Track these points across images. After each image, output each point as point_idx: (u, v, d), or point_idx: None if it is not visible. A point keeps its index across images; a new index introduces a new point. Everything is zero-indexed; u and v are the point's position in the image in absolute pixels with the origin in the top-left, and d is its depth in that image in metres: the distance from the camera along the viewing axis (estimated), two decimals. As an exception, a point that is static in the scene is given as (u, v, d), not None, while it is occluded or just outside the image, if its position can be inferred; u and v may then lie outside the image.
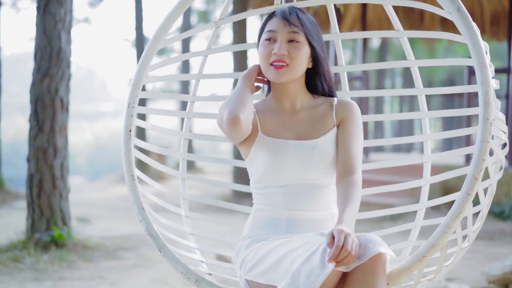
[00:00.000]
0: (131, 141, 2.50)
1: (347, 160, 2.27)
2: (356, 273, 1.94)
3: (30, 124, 5.65)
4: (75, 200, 9.26)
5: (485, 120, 2.00)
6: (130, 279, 4.63)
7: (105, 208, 9.33)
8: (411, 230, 2.83)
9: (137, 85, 2.53)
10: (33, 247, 5.39)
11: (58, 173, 5.62)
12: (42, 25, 5.59)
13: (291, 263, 1.98)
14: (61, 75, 5.62)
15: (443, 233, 2.01)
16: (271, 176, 2.31)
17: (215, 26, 2.90)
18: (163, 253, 2.35)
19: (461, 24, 2.13)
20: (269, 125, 2.36)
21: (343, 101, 2.40)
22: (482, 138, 1.99)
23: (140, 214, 2.40)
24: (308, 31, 2.31)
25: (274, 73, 2.30)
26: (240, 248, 2.36)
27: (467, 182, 2.00)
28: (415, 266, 2.04)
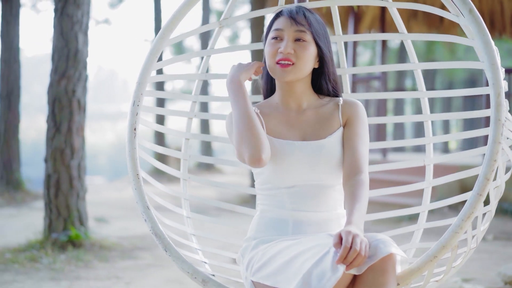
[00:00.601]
0: (136, 139, 2.50)
1: (354, 160, 2.25)
2: (366, 273, 1.93)
3: (47, 125, 5.72)
4: (94, 200, 9.34)
5: (497, 121, 2.01)
6: (146, 279, 4.66)
7: (123, 208, 9.38)
8: (414, 232, 2.82)
9: (142, 83, 2.54)
10: (50, 247, 5.44)
11: (75, 174, 5.67)
12: (59, 26, 5.65)
13: (301, 265, 1.96)
14: (78, 76, 5.67)
15: (455, 233, 2.01)
16: (278, 178, 2.29)
17: (218, 26, 2.91)
18: (169, 252, 2.34)
19: (473, 25, 2.13)
20: (275, 126, 2.35)
21: (349, 101, 2.39)
22: (494, 139, 2.00)
23: (145, 213, 2.39)
24: (315, 30, 2.30)
25: (280, 71, 2.28)
26: (245, 249, 2.34)
27: (479, 182, 2.01)
28: (426, 266, 2.04)
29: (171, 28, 2.59)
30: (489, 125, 2.06)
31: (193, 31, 2.87)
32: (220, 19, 2.93)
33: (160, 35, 2.59)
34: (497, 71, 2.06)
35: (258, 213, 2.39)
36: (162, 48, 2.60)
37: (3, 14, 10.20)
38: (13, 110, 10.16)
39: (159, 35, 2.59)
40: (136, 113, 2.51)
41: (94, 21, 20.53)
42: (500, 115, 2.01)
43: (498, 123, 2.01)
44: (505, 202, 7.70)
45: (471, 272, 4.79)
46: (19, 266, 4.96)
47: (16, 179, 9.99)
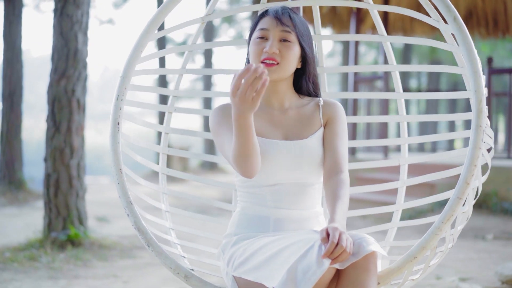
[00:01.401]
0: (119, 134, 2.51)
1: (335, 160, 2.32)
2: (349, 270, 1.98)
3: (47, 125, 5.74)
4: (97, 200, 9.38)
5: (478, 127, 2.07)
6: (144, 277, 4.67)
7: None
8: (388, 231, 2.86)
9: (126, 78, 2.55)
10: (49, 246, 5.46)
11: (74, 173, 5.69)
12: (59, 26, 5.67)
13: (285, 260, 1.99)
14: (77, 76, 5.69)
15: (434, 235, 2.06)
16: (261, 176, 2.32)
17: (201, 22, 2.94)
18: (151, 248, 2.36)
19: (457, 33, 2.18)
20: (259, 125, 2.37)
21: (329, 102, 2.46)
22: (475, 145, 2.06)
23: (127, 208, 2.41)
24: (299, 31, 2.35)
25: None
26: (226, 245, 2.37)
27: (459, 186, 2.06)
28: (406, 266, 2.10)
29: (156, 24, 2.60)
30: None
31: (176, 26, 2.90)
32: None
33: (145, 30, 2.59)
34: (479, 78, 2.11)
35: (238, 210, 2.43)
36: (146, 44, 2.60)
37: (5, 14, 10.23)
38: (15, 110, 10.19)
39: (144, 31, 2.60)
40: (120, 107, 2.51)
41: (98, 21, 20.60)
42: (481, 122, 2.08)
43: (479, 129, 2.07)
44: (506, 202, 7.70)
45: (469, 272, 4.79)
46: (18, 265, 4.98)
47: (18, 178, 10.02)
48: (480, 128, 2.07)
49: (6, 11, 10.23)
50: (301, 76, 2.45)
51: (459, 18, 2.18)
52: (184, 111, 3.11)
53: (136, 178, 2.73)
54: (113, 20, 20.28)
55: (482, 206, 7.89)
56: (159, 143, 11.91)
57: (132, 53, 2.59)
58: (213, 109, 2.43)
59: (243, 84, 1.96)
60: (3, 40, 10.25)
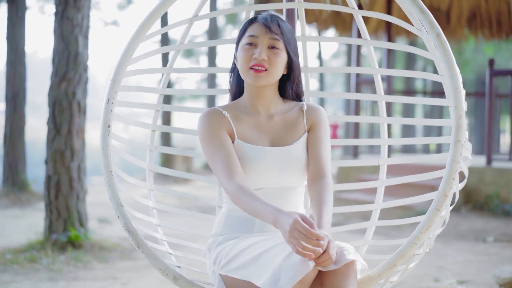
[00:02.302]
0: (110, 136, 2.54)
1: (319, 164, 2.41)
2: (331, 277, 2.06)
3: (48, 127, 5.78)
4: (100, 201, 9.39)
5: (457, 142, 2.14)
6: (142, 279, 4.70)
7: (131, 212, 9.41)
8: (367, 229, 2.92)
9: (116, 81, 2.56)
10: (50, 247, 5.50)
11: (75, 175, 5.73)
12: (59, 29, 5.71)
13: (271, 259, 2.07)
14: (78, 79, 5.73)
15: (413, 244, 2.15)
16: (248, 181, 2.38)
17: (189, 22, 2.99)
18: (141, 249, 2.39)
19: (440, 49, 2.22)
20: (245, 130, 2.44)
21: (312, 107, 2.53)
22: (453, 159, 2.13)
23: (118, 210, 2.44)
24: (286, 39, 2.42)
25: (253, 76, 2.38)
26: (212, 244, 2.43)
27: (437, 198, 2.13)
28: (385, 273, 2.19)
29: (145, 28, 2.62)
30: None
31: (166, 27, 2.95)
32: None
33: (135, 35, 2.61)
34: (459, 94, 2.16)
35: (225, 211, 2.49)
36: (136, 48, 2.63)
37: (8, 16, 10.27)
38: (18, 112, 10.25)
39: (134, 35, 2.62)
40: (110, 110, 2.53)
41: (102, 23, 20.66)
42: (460, 136, 2.13)
43: (458, 144, 2.13)
44: (507, 204, 7.71)
45: (467, 274, 4.81)
46: (18, 266, 5.02)
47: (21, 180, 10.06)
48: (459, 142, 2.12)
49: (9, 13, 10.28)
50: (286, 82, 2.52)
51: (441, 35, 2.22)
52: (172, 109, 3.20)
53: (123, 175, 2.78)
54: (117, 22, 20.36)
55: (484, 208, 7.91)
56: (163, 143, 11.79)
57: (121, 57, 2.60)
58: (201, 115, 2.47)
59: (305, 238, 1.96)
60: (6, 42, 10.31)
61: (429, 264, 5.15)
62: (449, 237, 6.60)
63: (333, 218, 7.57)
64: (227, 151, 2.36)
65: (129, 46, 2.60)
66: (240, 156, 2.39)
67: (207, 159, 2.43)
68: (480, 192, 8.02)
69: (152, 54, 2.95)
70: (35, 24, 54.09)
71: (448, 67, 2.19)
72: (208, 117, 2.43)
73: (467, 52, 20.72)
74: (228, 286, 2.29)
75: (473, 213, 7.82)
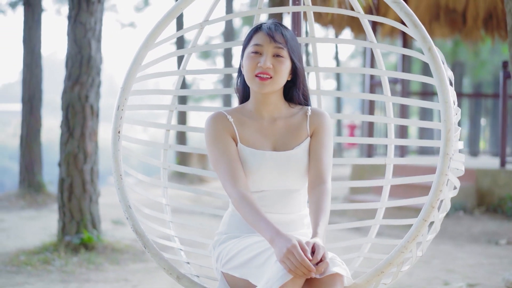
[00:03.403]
0: (120, 142, 2.63)
1: (319, 170, 2.47)
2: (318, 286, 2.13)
3: (61, 130, 5.85)
4: (115, 203, 9.45)
5: (445, 155, 2.18)
6: (153, 281, 4.74)
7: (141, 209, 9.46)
8: (371, 227, 3.00)
9: (126, 89, 2.66)
10: (63, 249, 5.57)
11: (88, 178, 5.79)
12: (73, 34, 5.78)
13: (265, 261, 2.18)
14: (91, 82, 5.79)
15: (400, 252, 2.20)
16: (249, 183, 2.48)
17: (200, 27, 3.08)
18: (148, 249, 2.50)
19: (431, 63, 2.25)
20: (248, 135, 2.54)
21: (316, 112, 2.60)
22: (441, 171, 2.17)
23: (127, 212, 2.54)
24: (290, 47, 2.51)
25: (259, 84, 2.47)
26: (216, 242, 2.55)
27: (425, 209, 2.18)
28: (373, 280, 2.24)
29: (154, 37, 2.71)
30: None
31: (176, 33, 3.01)
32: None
33: (144, 44, 2.70)
34: (449, 109, 2.20)
35: (230, 211, 2.59)
36: (145, 56, 2.71)
37: (25, 19, 10.36)
38: (34, 114, 10.34)
39: (143, 44, 2.71)
40: (120, 117, 2.63)
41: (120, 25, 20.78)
42: (449, 150, 2.18)
43: (446, 157, 2.18)
44: (521, 207, 7.68)
45: (477, 278, 4.80)
46: (31, 268, 5.08)
47: (37, 181, 10.15)
48: (447, 156, 2.16)
49: (26, 16, 10.37)
50: (292, 88, 2.61)
51: (433, 48, 2.26)
52: (186, 109, 3.29)
53: (138, 175, 2.93)
54: (134, 24, 20.46)
55: (497, 210, 7.87)
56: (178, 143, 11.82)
57: (131, 66, 2.70)
58: (207, 119, 2.58)
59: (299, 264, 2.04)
60: (23, 45, 10.39)
61: (439, 267, 5.15)
62: (462, 240, 6.59)
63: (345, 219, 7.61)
64: (231, 156, 2.46)
65: (137, 54, 2.69)
66: (241, 159, 2.49)
67: (211, 163, 2.52)
68: (493, 194, 7.99)
69: (163, 58, 3.04)
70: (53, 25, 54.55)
71: (439, 82, 2.23)
72: (213, 122, 2.54)
73: (484, 53, 20.59)
74: (229, 283, 2.43)
75: (486, 216, 7.79)
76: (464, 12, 10.65)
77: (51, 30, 37.51)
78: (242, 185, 2.39)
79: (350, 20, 10.87)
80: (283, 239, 2.10)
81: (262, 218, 2.24)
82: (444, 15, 10.66)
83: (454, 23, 10.96)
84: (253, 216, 2.26)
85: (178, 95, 3.17)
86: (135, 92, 2.87)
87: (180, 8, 2.73)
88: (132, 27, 20.46)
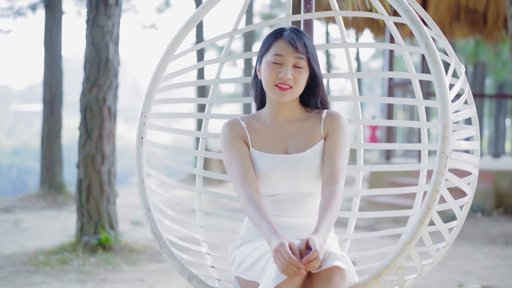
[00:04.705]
0: (143, 147, 2.70)
1: (331, 171, 2.44)
2: (316, 280, 2.13)
3: (79, 132, 5.92)
4: (135, 203, 9.54)
5: (442, 154, 2.10)
6: (169, 282, 4.78)
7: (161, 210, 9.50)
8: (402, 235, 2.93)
9: (149, 97, 2.72)
10: (81, 249, 5.64)
11: (105, 179, 5.86)
12: (91, 36, 5.85)
13: (267, 261, 2.22)
14: (108, 85, 5.86)
15: (397, 255, 2.16)
16: (262, 187, 2.51)
17: (229, 36, 3.09)
18: (163, 251, 2.57)
19: (429, 59, 2.21)
20: (260, 139, 2.56)
21: (331, 114, 2.58)
22: (438, 171, 2.10)
23: (146, 215, 2.61)
24: (312, 56, 2.51)
25: (279, 94, 2.47)
26: (234, 247, 2.59)
27: (422, 210, 2.12)
28: (371, 283, 2.21)
29: (175, 46, 2.77)
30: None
31: (204, 43, 3.06)
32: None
33: (166, 52, 2.77)
34: (446, 105, 2.13)
35: None
36: (167, 64, 2.77)
37: (46, 22, 10.48)
38: (55, 115, 10.46)
39: (165, 53, 2.77)
40: (143, 123, 2.70)
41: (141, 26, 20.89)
42: (445, 148, 2.10)
43: (443, 155, 2.10)
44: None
45: (492, 280, 4.78)
46: (50, 268, 5.15)
47: (58, 182, 10.27)
48: (444, 154, 2.09)
49: (47, 19, 10.49)
50: (309, 93, 2.61)
51: (431, 44, 2.21)
52: (220, 117, 3.29)
53: (172, 182, 3.03)
54: (155, 25, 20.54)
55: (516, 211, 7.83)
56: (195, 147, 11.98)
57: (154, 74, 2.77)
58: (222, 125, 2.62)
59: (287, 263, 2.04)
60: (44, 47, 10.51)
61: (455, 269, 5.13)
62: (479, 241, 6.56)
63: (365, 222, 7.60)
64: (242, 159, 2.50)
65: (160, 64, 2.75)
66: (253, 164, 2.52)
67: (225, 166, 2.56)
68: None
69: (194, 67, 3.08)
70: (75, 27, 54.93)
71: (436, 78, 2.18)
72: (227, 128, 2.58)
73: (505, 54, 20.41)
74: (242, 286, 2.45)
75: (504, 217, 7.75)
76: (485, 12, 10.59)
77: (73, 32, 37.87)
78: (251, 186, 2.41)
79: (369, 21, 10.87)
80: (275, 239, 2.11)
81: (263, 218, 2.25)
82: (465, 15, 10.61)
83: (474, 24, 10.90)
84: (256, 216, 2.28)
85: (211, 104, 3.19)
86: (168, 100, 2.99)
87: (199, 17, 2.78)
88: (153, 28, 20.55)
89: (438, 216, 2.26)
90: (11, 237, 6.75)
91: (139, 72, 57.85)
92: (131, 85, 50.64)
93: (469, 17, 10.85)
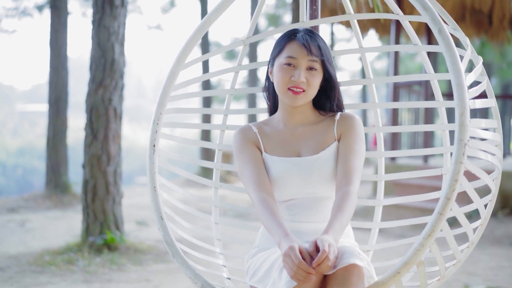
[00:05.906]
0: (155, 155, 2.68)
1: (345, 172, 2.38)
2: (332, 281, 2.07)
3: (85, 132, 5.93)
4: (141, 204, 9.55)
5: (460, 141, 2.01)
6: (174, 282, 4.79)
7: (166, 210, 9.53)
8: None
9: (161, 104, 2.71)
10: (87, 250, 5.65)
11: (111, 179, 5.87)
12: (96, 37, 5.86)
13: (278, 268, 2.16)
14: (114, 85, 5.87)
15: (417, 251, 2.06)
16: (276, 193, 2.46)
17: (243, 44, 3.06)
18: (176, 259, 2.51)
19: (442, 44, 2.15)
20: (273, 144, 2.52)
21: (345, 115, 2.53)
22: (456, 159, 2.00)
23: (159, 223, 2.59)
24: (326, 58, 2.45)
25: (291, 97, 2.43)
26: (249, 256, 2.52)
27: (440, 202, 2.03)
28: (390, 281, 2.12)
29: (186, 53, 2.76)
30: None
31: (217, 50, 3.05)
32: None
33: (177, 60, 2.75)
34: (462, 90, 2.05)
35: None
36: (179, 72, 2.75)
37: (51, 22, 10.50)
38: (61, 115, 10.47)
39: (176, 60, 2.75)
40: (156, 131, 2.69)
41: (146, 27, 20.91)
42: (463, 136, 2.00)
43: (461, 143, 2.00)
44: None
45: (498, 280, 4.79)
46: (55, 268, 5.16)
47: (63, 182, 10.28)
48: (462, 142, 2.01)
49: (52, 19, 10.51)
50: (324, 97, 2.56)
51: (444, 30, 2.15)
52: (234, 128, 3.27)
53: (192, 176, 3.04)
54: (160, 26, 20.57)
55: (523, 212, 7.82)
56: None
57: (166, 81, 2.76)
58: (234, 132, 2.60)
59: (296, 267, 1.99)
60: (49, 48, 10.52)
61: (460, 270, 5.13)
62: (484, 242, 6.56)
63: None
64: (255, 164, 2.46)
65: (172, 71, 2.74)
66: (266, 168, 2.47)
67: (238, 172, 2.52)
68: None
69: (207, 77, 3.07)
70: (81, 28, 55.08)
71: (451, 63, 2.09)
72: (239, 134, 2.56)
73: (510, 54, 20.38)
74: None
75: (510, 218, 7.73)
76: (490, 13, 10.58)
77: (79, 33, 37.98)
78: (264, 190, 2.36)
79: (374, 21, 10.86)
80: (286, 242, 2.06)
81: (275, 221, 2.19)
82: (470, 16, 10.59)
83: (480, 24, 10.88)
84: (268, 219, 2.22)
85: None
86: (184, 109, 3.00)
87: (210, 21, 2.78)
88: (158, 29, 20.57)
89: (463, 216, 2.20)
90: (17, 237, 6.77)
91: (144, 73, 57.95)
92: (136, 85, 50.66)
93: (475, 18, 10.84)
